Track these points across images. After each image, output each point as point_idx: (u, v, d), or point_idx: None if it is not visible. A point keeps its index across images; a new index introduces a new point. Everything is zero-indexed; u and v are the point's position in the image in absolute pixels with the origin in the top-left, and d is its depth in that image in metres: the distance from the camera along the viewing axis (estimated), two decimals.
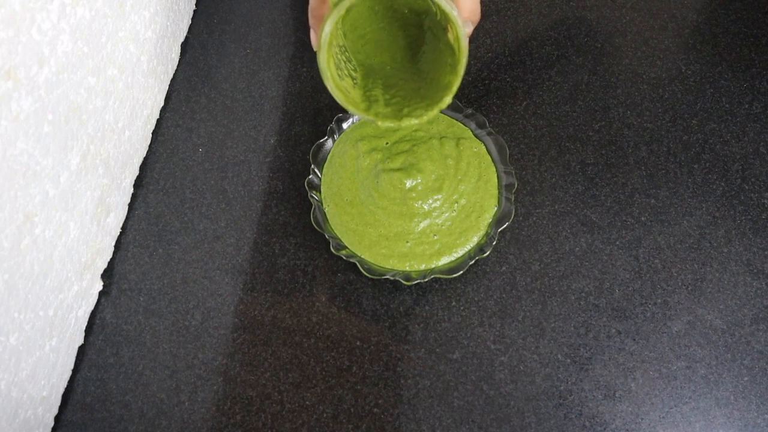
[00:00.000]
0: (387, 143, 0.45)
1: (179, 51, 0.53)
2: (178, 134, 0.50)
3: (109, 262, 0.45)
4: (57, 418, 0.41)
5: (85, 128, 0.39)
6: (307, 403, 0.41)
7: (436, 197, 0.43)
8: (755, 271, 0.43)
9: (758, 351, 0.41)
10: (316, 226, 0.43)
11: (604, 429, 0.39)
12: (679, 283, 0.43)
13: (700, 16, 0.53)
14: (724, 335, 0.41)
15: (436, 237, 0.43)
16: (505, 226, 0.42)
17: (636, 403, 0.40)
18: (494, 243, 0.42)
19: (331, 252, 0.44)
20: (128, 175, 0.46)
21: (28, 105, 0.32)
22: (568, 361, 0.41)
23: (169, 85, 0.51)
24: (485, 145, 0.46)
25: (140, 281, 0.45)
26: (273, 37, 0.54)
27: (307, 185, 0.45)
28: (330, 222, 0.44)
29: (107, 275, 0.45)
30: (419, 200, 0.43)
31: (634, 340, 0.41)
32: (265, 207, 0.47)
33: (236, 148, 0.49)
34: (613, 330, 0.42)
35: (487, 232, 0.43)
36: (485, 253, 0.41)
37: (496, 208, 0.44)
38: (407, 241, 0.43)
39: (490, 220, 0.43)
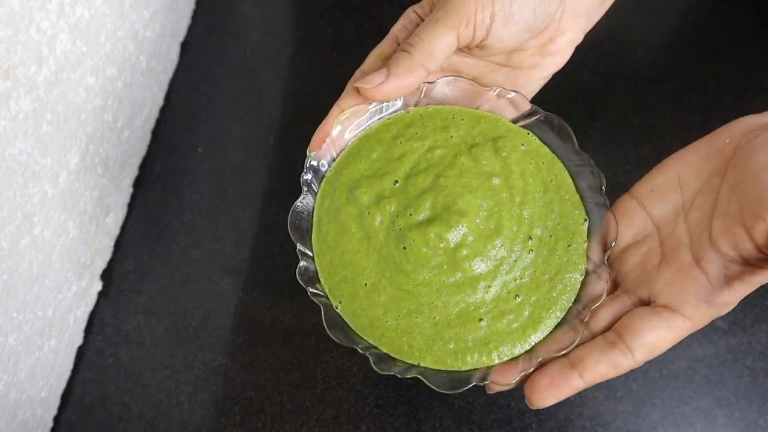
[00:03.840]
0: (396, 182, 0.31)
1: (179, 51, 0.52)
2: (177, 134, 0.50)
3: (108, 262, 0.45)
4: (56, 419, 0.41)
5: (84, 128, 0.39)
6: (307, 403, 0.41)
7: (496, 242, 0.29)
8: None
9: (759, 351, 0.41)
10: (336, 339, 0.28)
11: (605, 429, 0.39)
12: None
13: (701, 13, 0.53)
14: (725, 335, 0.41)
15: (519, 299, 0.29)
16: (613, 244, 0.29)
17: (637, 403, 0.40)
18: (609, 273, 0.29)
19: None
20: (127, 175, 0.46)
21: (26, 104, 0.32)
22: None
23: (169, 85, 0.51)
24: (536, 135, 0.32)
25: (140, 281, 0.45)
26: (273, 37, 0.54)
27: (300, 277, 0.29)
28: (353, 325, 0.30)
29: (106, 275, 0.44)
30: (475, 257, 0.29)
31: None
32: (265, 207, 0.47)
33: (236, 148, 0.49)
34: None
35: (588, 259, 0.30)
36: (604, 292, 0.28)
37: (586, 222, 0.30)
38: (481, 319, 0.29)
39: (587, 241, 0.30)
